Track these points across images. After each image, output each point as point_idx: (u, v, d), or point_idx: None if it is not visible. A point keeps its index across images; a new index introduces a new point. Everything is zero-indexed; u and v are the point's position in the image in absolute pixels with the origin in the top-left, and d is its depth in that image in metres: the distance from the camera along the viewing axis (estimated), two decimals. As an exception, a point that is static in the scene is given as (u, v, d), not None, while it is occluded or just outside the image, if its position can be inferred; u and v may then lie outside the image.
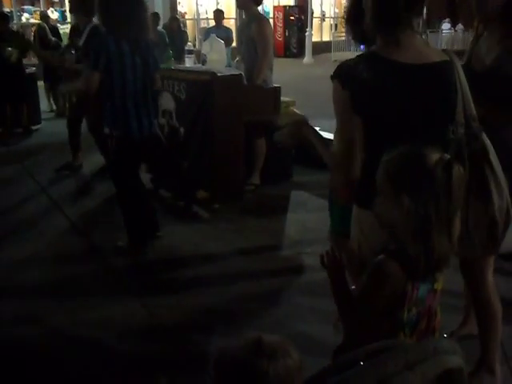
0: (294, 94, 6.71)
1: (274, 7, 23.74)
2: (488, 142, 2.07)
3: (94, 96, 3.78)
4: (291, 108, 5.96)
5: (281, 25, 23.33)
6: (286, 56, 22.40)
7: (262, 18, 5.39)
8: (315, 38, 22.78)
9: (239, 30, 5.44)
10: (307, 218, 4.77)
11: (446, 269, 1.67)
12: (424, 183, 1.53)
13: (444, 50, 2.03)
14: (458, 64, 1.98)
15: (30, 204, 5.32)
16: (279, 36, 23.32)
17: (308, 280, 3.60)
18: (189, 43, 5.48)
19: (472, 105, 2.01)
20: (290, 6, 23.84)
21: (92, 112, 3.90)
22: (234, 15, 19.61)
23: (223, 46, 4.84)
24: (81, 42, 4.79)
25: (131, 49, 3.70)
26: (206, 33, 8.26)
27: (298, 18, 23.25)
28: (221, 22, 9.68)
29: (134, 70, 3.74)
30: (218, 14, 9.71)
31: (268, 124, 5.21)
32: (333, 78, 1.92)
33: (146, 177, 5.59)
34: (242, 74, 4.78)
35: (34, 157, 6.89)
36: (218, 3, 20.28)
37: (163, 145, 4.83)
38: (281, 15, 23.30)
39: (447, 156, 1.57)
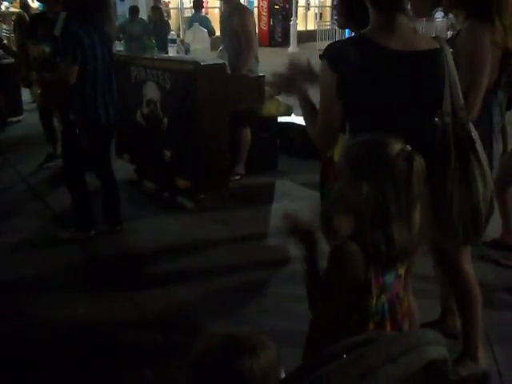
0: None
1: (258, -4, 23.61)
2: (475, 131, 2.06)
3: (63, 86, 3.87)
4: (275, 97, 5.93)
5: (265, 14, 23.22)
6: (270, 45, 22.29)
7: (243, 9, 5.37)
8: (300, 27, 22.69)
9: (222, 20, 5.41)
10: (292, 207, 4.75)
11: (407, 260, 1.69)
12: (384, 172, 1.53)
13: (435, 37, 2.02)
14: (448, 52, 1.98)
15: (11, 194, 5.27)
16: (264, 25, 23.23)
17: (293, 270, 3.58)
18: (172, 32, 5.40)
19: (460, 94, 2.00)
20: (274, -5, 23.71)
21: (61, 100, 3.93)
22: (217, 4, 19.45)
23: (206, 35, 4.79)
24: (56, 32, 4.72)
25: (101, 40, 3.89)
26: (189, 21, 8.19)
27: (282, 6, 23.13)
28: (199, 11, 9.60)
29: (103, 60, 3.95)
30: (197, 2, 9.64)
31: (251, 113, 5.20)
32: (322, 57, 1.91)
33: (129, 167, 5.57)
34: (226, 63, 4.73)
35: (15, 148, 6.78)
36: (201, -8, 20.12)
37: (146, 134, 4.80)
38: (265, 4, 23.18)
39: (408, 147, 1.56)
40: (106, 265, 3.87)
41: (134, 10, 9.76)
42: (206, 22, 8.18)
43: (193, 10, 9.26)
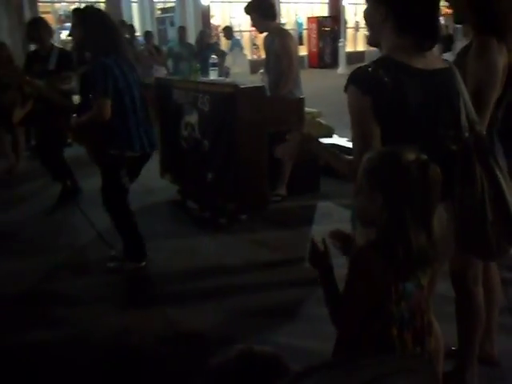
0: (326, 105, 6.70)
1: (308, 18, 23.80)
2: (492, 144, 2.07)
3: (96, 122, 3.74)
4: (317, 119, 5.97)
5: (315, 36, 23.37)
6: (320, 67, 22.41)
7: (284, 33, 5.45)
8: (349, 48, 22.71)
9: (265, 44, 5.50)
10: (331, 229, 4.73)
11: (430, 267, 1.70)
12: (397, 181, 1.57)
13: (440, 57, 2.04)
14: (456, 71, 2.01)
15: (60, 214, 5.45)
16: (313, 47, 23.40)
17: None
18: (213, 56, 5.51)
19: (473, 110, 2.03)
20: (323, 17, 23.84)
21: (94, 138, 3.80)
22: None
23: (246, 58, 4.87)
24: (51, 67, 4.94)
25: (128, 68, 3.81)
26: (230, 45, 8.36)
27: (331, 28, 23.23)
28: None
29: (136, 87, 3.84)
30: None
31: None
32: (349, 84, 1.88)
33: (173, 188, 5.69)
34: (265, 85, 4.80)
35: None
36: (251, 15, 20.42)
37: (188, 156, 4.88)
38: (314, 26, 23.34)
39: (424, 156, 1.59)
40: (143, 280, 3.98)
41: (181, 32, 10.05)
42: (239, 46, 8.40)
43: (242, 34, 9.57)
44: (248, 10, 5.29)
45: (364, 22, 2.07)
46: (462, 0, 2.36)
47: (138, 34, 12.00)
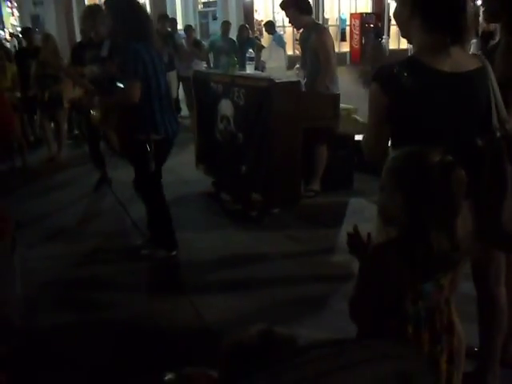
0: (364, 102, 6.65)
1: (351, 14, 23.60)
2: None
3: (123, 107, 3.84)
4: (353, 116, 5.95)
5: (357, 32, 23.16)
6: (362, 63, 22.20)
7: (320, 29, 5.47)
8: (392, 46, 22.43)
9: (302, 39, 5.52)
10: (362, 225, 4.73)
11: (451, 269, 1.69)
12: (418, 182, 1.57)
13: (475, 55, 2.03)
14: (490, 69, 2.00)
15: (97, 202, 5.60)
16: (355, 43, 23.18)
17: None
18: (250, 50, 5.55)
19: (503, 108, 2.02)
20: (367, 14, 23.60)
21: (122, 123, 3.90)
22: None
23: (282, 53, 4.90)
24: (103, 54, 5.03)
25: (157, 57, 3.90)
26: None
27: (375, 25, 22.99)
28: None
29: (163, 74, 3.94)
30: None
31: (327, 130, 5.25)
32: (373, 80, 1.95)
33: (208, 180, 5.77)
34: (301, 80, 4.82)
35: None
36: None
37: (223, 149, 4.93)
38: (357, 22, 23.12)
39: (449, 158, 1.59)
40: (173, 269, 4.09)
41: (224, 27, 10.13)
42: (281, 41, 8.39)
43: (285, 30, 9.59)
44: (284, 5, 5.30)
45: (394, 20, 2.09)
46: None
47: (180, 27, 12.11)
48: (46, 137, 7.54)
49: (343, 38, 23.87)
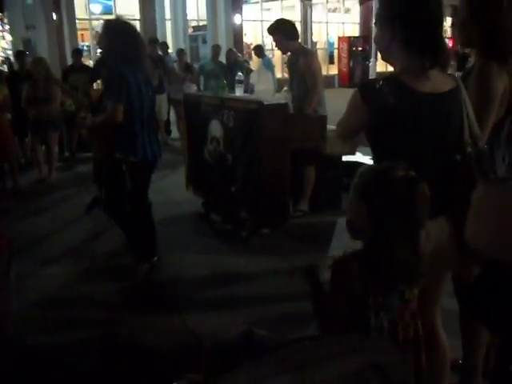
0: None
1: (339, 38, 23.97)
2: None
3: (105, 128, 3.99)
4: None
5: (345, 55, 23.51)
6: (350, 86, 22.46)
7: (307, 52, 5.60)
8: (380, 68, 22.76)
9: (289, 63, 5.65)
10: (351, 245, 4.81)
11: (415, 281, 1.75)
12: (382, 196, 1.65)
13: (449, 75, 2.13)
14: (463, 88, 2.11)
15: (89, 223, 5.65)
16: (344, 66, 23.53)
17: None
18: (239, 73, 5.69)
19: (476, 125, 2.12)
20: (354, 37, 23.99)
21: (107, 140, 4.07)
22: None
23: (271, 76, 5.03)
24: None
25: (144, 79, 4.02)
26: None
27: (362, 48, 23.36)
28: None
29: (148, 98, 4.07)
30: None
31: (315, 151, 5.36)
32: (357, 90, 2.07)
33: (198, 201, 5.85)
34: (289, 103, 4.94)
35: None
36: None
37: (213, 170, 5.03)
38: (345, 46, 23.49)
39: (412, 173, 1.67)
40: (162, 288, 4.13)
41: (214, 50, 10.29)
42: (270, 65, 8.53)
43: (274, 53, 9.71)
44: (271, 31, 5.44)
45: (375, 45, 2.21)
46: (470, 23, 2.46)
47: (170, 50, 12.28)
48: (37, 159, 7.60)
49: (331, 61, 24.22)
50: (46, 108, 7.30)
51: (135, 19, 17.36)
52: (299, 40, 5.66)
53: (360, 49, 23.43)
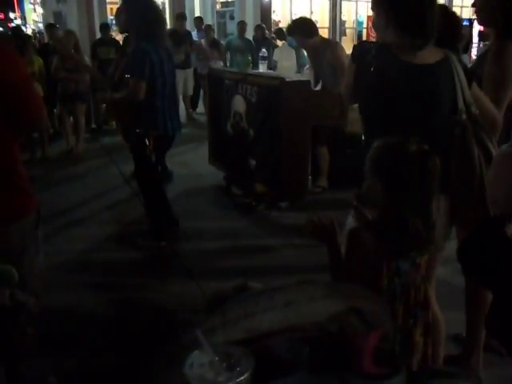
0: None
1: (368, 17, 23.64)
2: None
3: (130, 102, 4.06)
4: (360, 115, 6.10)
5: (374, 35, 23.22)
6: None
7: (333, 45, 5.60)
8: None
9: (311, 52, 5.62)
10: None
11: (425, 248, 1.84)
12: (397, 170, 1.73)
13: (439, 48, 2.21)
14: (455, 59, 2.18)
15: (114, 192, 5.84)
16: (372, 46, 23.26)
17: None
18: (263, 50, 5.77)
19: (469, 93, 2.19)
20: (384, 16, 23.65)
21: (126, 116, 4.18)
22: (327, 24, 19.85)
23: (293, 53, 5.09)
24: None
25: (166, 56, 4.11)
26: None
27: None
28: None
29: (170, 75, 4.15)
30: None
31: (330, 130, 5.43)
32: (352, 48, 2.26)
33: (220, 174, 5.98)
34: (310, 80, 5.01)
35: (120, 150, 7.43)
36: (311, 12, 20.53)
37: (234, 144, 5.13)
38: (375, 25, 23.19)
39: (425, 147, 1.76)
40: (182, 257, 4.28)
41: (240, 26, 10.32)
42: (293, 43, 8.53)
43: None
44: (290, 32, 5.49)
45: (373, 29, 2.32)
46: (492, 3, 2.50)
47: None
48: (65, 130, 7.80)
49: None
50: (75, 80, 7.46)
51: (164, -6, 17.41)
52: (317, 36, 5.58)
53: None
